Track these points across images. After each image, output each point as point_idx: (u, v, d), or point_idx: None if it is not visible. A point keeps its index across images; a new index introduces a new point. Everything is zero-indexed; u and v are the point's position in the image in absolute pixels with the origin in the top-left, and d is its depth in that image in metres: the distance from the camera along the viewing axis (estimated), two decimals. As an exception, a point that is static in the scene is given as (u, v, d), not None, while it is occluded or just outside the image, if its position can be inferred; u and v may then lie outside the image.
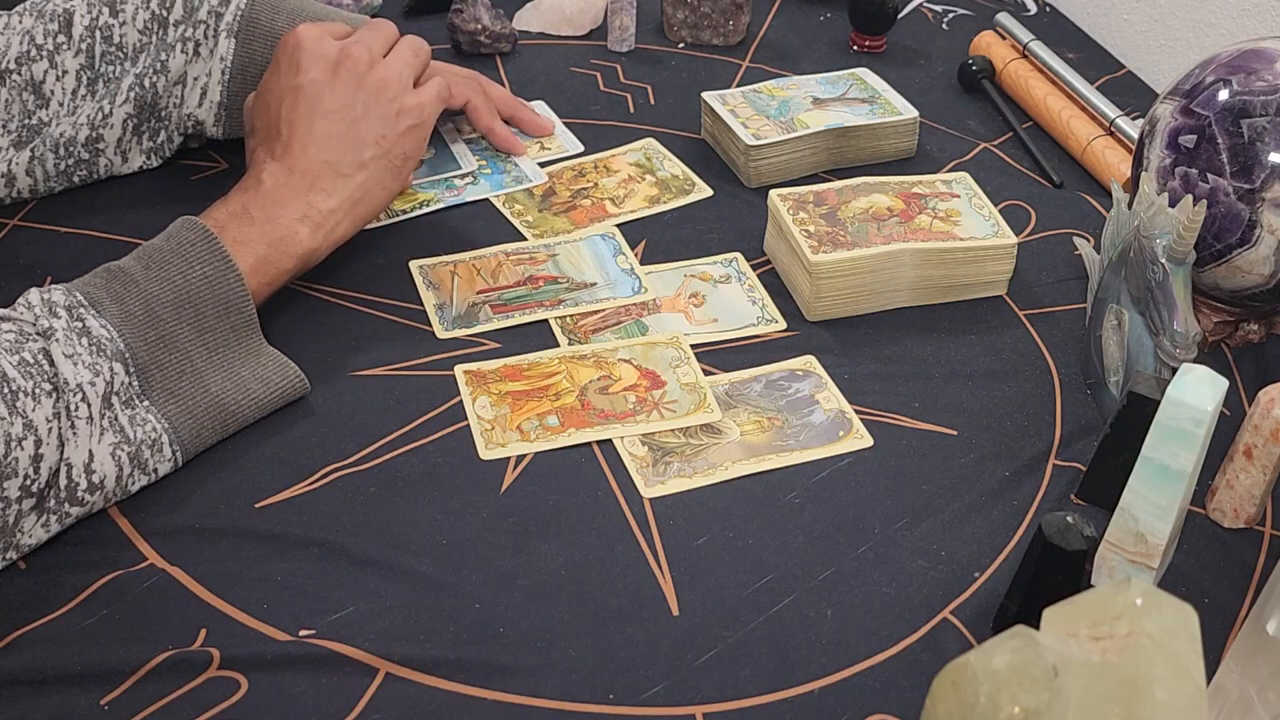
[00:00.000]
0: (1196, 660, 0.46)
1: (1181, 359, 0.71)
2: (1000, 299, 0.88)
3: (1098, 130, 1.02)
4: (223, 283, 0.71)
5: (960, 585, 0.67)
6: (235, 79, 0.88)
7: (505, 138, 0.98)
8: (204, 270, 0.71)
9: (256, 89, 0.83)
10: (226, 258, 0.71)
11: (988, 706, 0.47)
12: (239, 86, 0.88)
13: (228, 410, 0.71)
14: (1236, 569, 0.69)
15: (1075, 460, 0.75)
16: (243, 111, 0.89)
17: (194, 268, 0.70)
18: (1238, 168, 0.75)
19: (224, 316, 0.71)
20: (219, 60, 0.87)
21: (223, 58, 0.87)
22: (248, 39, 0.87)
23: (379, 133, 0.80)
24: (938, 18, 1.26)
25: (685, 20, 1.15)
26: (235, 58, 0.87)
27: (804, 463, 0.73)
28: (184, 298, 0.70)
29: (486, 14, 1.11)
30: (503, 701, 0.60)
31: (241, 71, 0.87)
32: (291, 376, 0.73)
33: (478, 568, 0.66)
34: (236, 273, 0.72)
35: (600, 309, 0.84)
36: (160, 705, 0.58)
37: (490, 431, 0.74)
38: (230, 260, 0.72)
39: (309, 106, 0.78)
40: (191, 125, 0.89)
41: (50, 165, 0.87)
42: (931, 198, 0.88)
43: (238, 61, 0.87)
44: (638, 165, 0.99)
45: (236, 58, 0.87)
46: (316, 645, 0.61)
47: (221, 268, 0.71)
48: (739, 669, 0.62)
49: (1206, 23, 1.13)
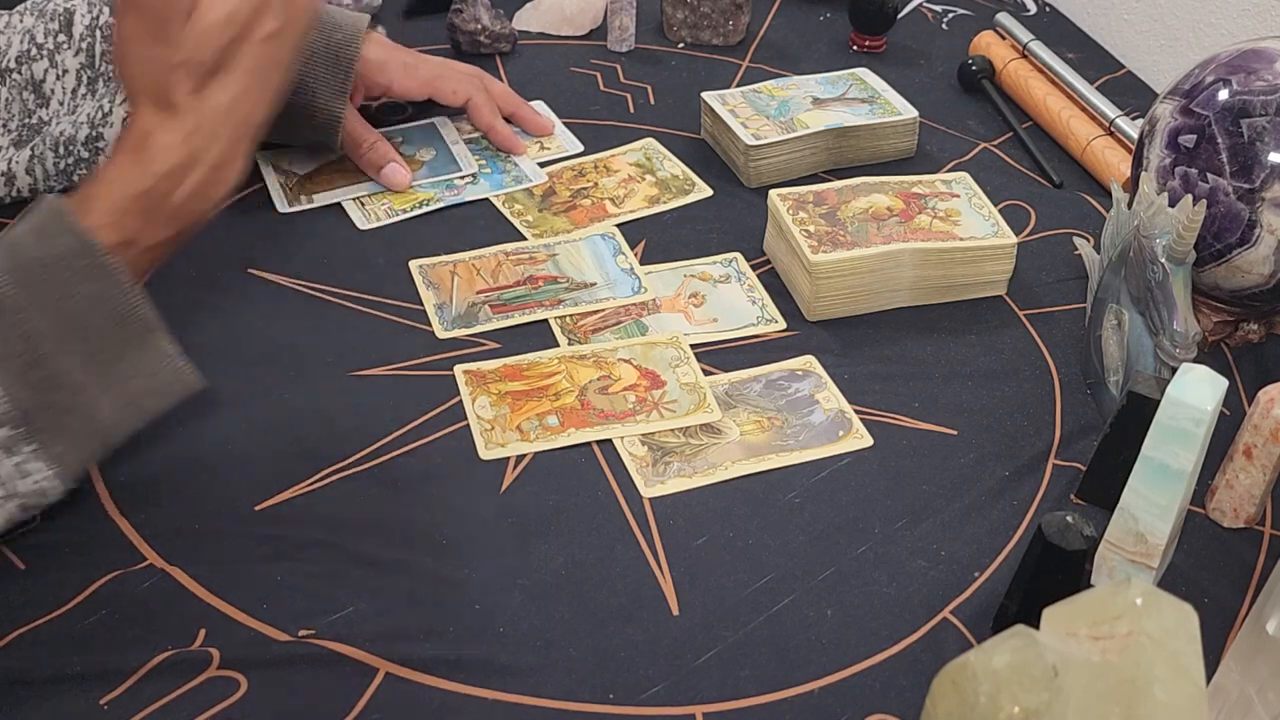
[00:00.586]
0: (1196, 660, 0.46)
1: (1181, 359, 0.71)
2: (1000, 299, 0.88)
3: (1098, 130, 1.02)
4: (111, 298, 0.61)
5: (960, 585, 0.67)
6: None
7: (506, 136, 0.98)
8: (89, 288, 0.60)
9: None
10: (110, 272, 0.61)
11: (988, 706, 0.47)
12: None
13: (117, 433, 0.63)
14: (1236, 569, 0.69)
15: (1075, 460, 0.75)
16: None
17: (76, 287, 0.60)
18: (1237, 167, 0.75)
19: (117, 329, 0.61)
20: None
21: None
22: None
23: None
24: (938, 18, 1.26)
25: (685, 20, 1.15)
26: None
27: (804, 463, 0.73)
28: (69, 325, 0.60)
29: (486, 14, 1.11)
30: (503, 701, 0.60)
31: None
32: (185, 379, 0.64)
33: (478, 568, 0.66)
34: (127, 282, 0.61)
35: (600, 309, 0.84)
36: (160, 705, 0.58)
37: (490, 431, 0.74)
38: (116, 273, 0.61)
39: None
40: None
41: (50, 164, 0.87)
42: (931, 198, 0.88)
43: None
44: (638, 165, 0.99)
45: None
46: (316, 645, 0.61)
47: (108, 284, 0.61)
48: (739, 669, 0.62)
49: (1206, 23, 1.13)
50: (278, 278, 0.85)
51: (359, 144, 0.92)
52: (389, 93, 0.96)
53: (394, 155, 0.93)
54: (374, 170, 0.93)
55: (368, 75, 0.93)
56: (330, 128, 0.90)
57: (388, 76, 0.94)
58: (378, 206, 0.92)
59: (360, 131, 0.92)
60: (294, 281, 0.85)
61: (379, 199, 0.93)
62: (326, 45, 0.88)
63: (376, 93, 0.95)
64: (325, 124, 0.90)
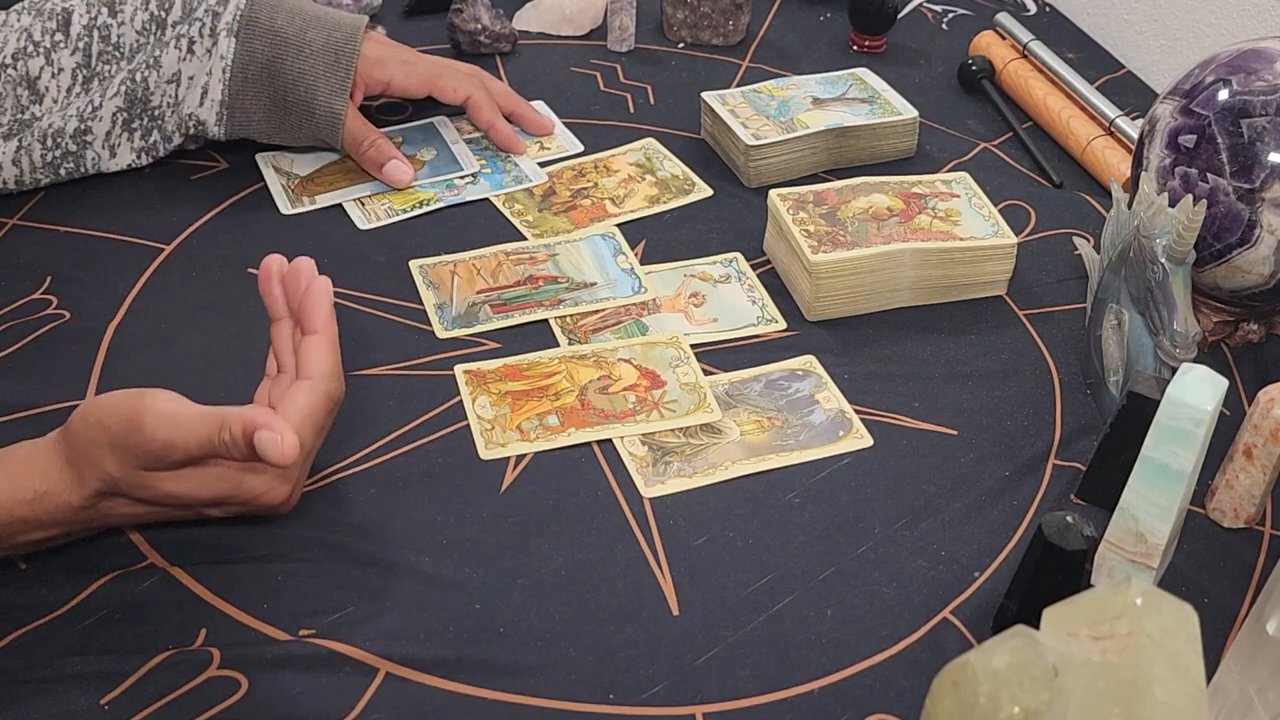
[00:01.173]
0: (1196, 660, 0.46)
1: (1181, 359, 0.71)
2: (1000, 299, 0.88)
3: (1098, 130, 1.02)
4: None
5: (960, 585, 0.67)
6: (236, 78, 0.88)
7: (506, 134, 0.98)
8: None
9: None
10: None
11: (988, 706, 0.47)
12: (240, 85, 0.88)
13: None
14: (1236, 569, 0.69)
15: (1075, 460, 0.75)
16: (244, 111, 0.88)
17: None
18: (1237, 168, 0.75)
19: None
20: (219, 59, 0.87)
21: (223, 56, 0.87)
22: (248, 37, 0.87)
23: None
24: (938, 18, 1.26)
25: (685, 20, 1.15)
26: (236, 57, 0.87)
27: (804, 462, 0.73)
28: None
29: (486, 14, 1.11)
30: (503, 701, 0.60)
31: (243, 70, 0.87)
32: None
33: (478, 568, 0.66)
34: None
35: (600, 309, 0.84)
36: (160, 705, 0.58)
37: (490, 431, 0.74)
38: None
39: None
40: (193, 126, 0.89)
41: (37, 156, 0.87)
42: (931, 198, 0.88)
43: (239, 60, 0.87)
44: (638, 165, 0.99)
45: (237, 57, 0.87)
46: (316, 645, 0.61)
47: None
48: (739, 669, 0.62)
49: (1206, 23, 1.13)
50: (278, 278, 0.85)
51: (360, 142, 0.92)
52: (389, 90, 0.96)
53: (395, 152, 0.93)
54: (375, 168, 0.93)
55: (367, 72, 0.93)
56: (332, 126, 0.90)
57: (387, 73, 0.94)
58: (378, 206, 0.92)
59: (361, 130, 0.92)
60: (294, 281, 0.85)
61: (379, 199, 0.93)
62: (326, 44, 0.88)
63: (377, 90, 0.95)
64: (326, 122, 0.90)
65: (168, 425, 0.58)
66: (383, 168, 0.93)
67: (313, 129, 0.91)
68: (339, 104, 0.90)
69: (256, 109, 0.89)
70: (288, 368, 0.67)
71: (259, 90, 0.89)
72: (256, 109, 0.89)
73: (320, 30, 0.89)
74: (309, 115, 0.90)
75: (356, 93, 0.93)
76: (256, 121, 0.90)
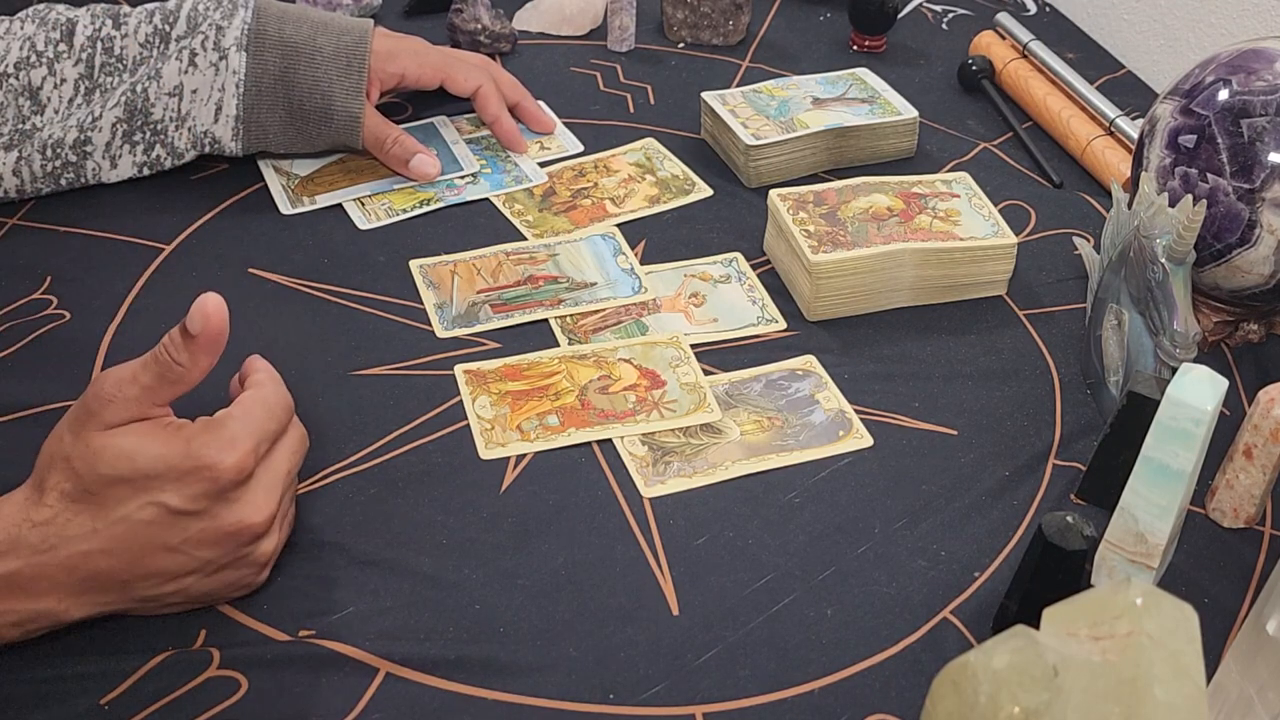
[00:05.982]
0: (1196, 660, 0.46)
1: (1181, 359, 0.71)
2: (1000, 299, 0.88)
3: (1098, 130, 1.02)
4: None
5: (960, 585, 0.67)
6: (250, 91, 0.87)
7: (510, 131, 0.98)
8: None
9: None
10: None
11: (988, 706, 0.47)
12: (255, 99, 0.88)
13: None
14: (1236, 569, 0.69)
15: (1075, 460, 0.75)
16: (260, 125, 0.89)
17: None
18: (1237, 168, 0.75)
19: None
20: (232, 74, 0.87)
21: (235, 71, 0.87)
22: (259, 50, 0.87)
23: None
24: (938, 18, 1.26)
25: (685, 20, 1.15)
26: (249, 71, 0.87)
27: (804, 462, 0.73)
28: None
29: (486, 14, 1.11)
30: (503, 701, 0.60)
31: (256, 83, 0.87)
32: None
33: (478, 567, 0.66)
34: None
35: (600, 309, 0.84)
36: (160, 705, 0.58)
37: (490, 431, 0.74)
38: None
39: None
40: (209, 144, 0.89)
41: (37, 166, 0.87)
42: (931, 198, 0.88)
43: (251, 74, 0.87)
44: (638, 165, 0.99)
45: (250, 71, 0.87)
46: (316, 645, 0.61)
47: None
48: (739, 669, 0.62)
49: (1206, 23, 1.13)
50: (278, 277, 0.85)
51: (382, 141, 0.92)
52: (402, 82, 0.96)
53: (419, 146, 0.93)
54: (400, 164, 0.93)
55: (380, 68, 0.93)
56: (351, 129, 0.90)
57: (399, 65, 0.94)
58: (378, 206, 0.92)
59: (381, 128, 0.92)
60: (294, 281, 0.85)
61: (379, 199, 0.93)
62: (337, 48, 0.89)
63: (392, 84, 0.95)
64: (345, 126, 0.90)
65: (112, 370, 0.58)
66: (408, 163, 0.93)
67: (332, 134, 0.91)
68: (355, 106, 0.90)
69: (273, 121, 0.89)
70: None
71: (274, 102, 0.88)
72: (273, 121, 0.89)
73: (329, 35, 0.89)
74: (327, 121, 0.90)
75: (372, 91, 0.93)
76: (273, 134, 0.90)
